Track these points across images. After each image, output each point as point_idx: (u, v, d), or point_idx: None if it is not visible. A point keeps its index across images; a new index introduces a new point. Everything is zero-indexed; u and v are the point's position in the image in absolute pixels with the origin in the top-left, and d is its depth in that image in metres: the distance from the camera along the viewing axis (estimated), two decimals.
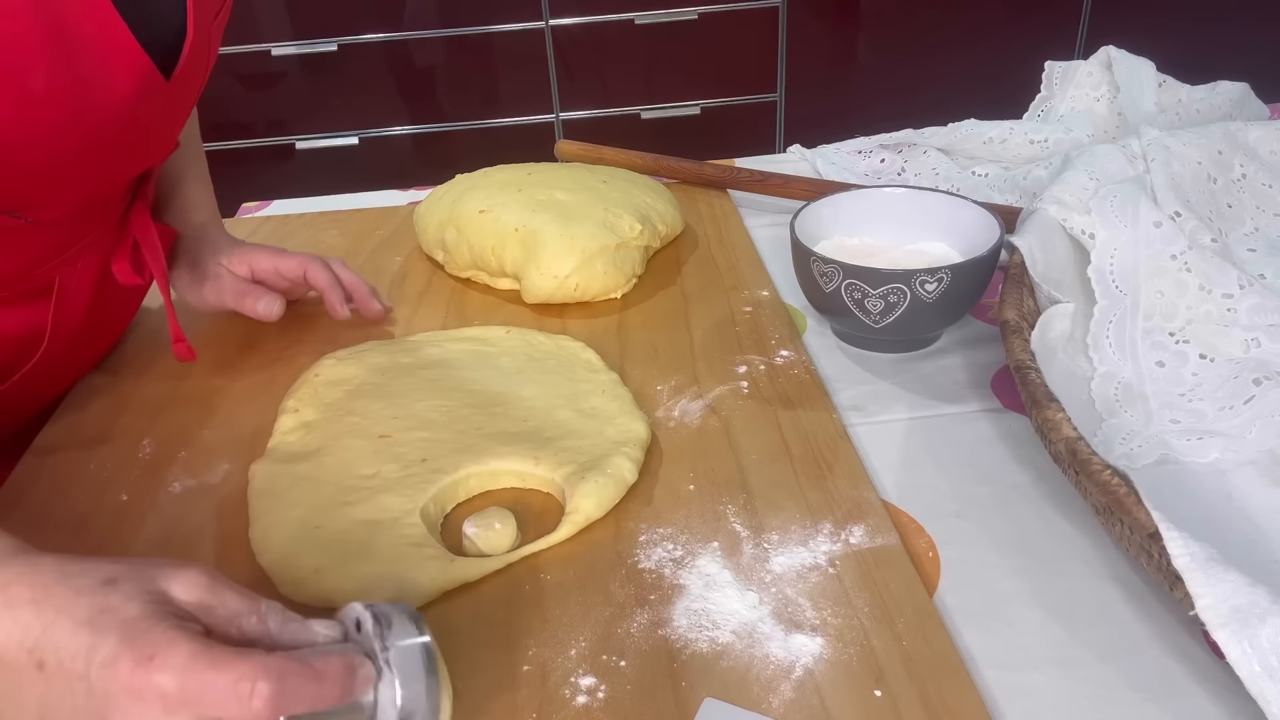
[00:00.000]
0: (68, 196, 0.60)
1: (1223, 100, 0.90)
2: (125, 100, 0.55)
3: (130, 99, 0.55)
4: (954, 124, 0.97)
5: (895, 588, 0.49)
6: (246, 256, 0.76)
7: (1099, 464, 0.48)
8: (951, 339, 0.72)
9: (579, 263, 0.76)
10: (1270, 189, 0.77)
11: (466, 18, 2.24)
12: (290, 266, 0.76)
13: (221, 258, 0.76)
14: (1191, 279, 0.66)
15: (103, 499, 0.60)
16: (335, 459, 0.59)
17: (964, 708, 0.43)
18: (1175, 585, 0.44)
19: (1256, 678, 0.39)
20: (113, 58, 0.53)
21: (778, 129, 2.45)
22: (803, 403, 0.64)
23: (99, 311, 0.71)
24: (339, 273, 0.77)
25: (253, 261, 0.75)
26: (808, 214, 0.72)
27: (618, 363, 0.70)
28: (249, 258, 0.76)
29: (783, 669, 0.45)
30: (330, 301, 0.76)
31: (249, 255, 0.76)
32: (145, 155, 0.65)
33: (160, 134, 0.65)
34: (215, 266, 0.75)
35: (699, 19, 2.28)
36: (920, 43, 2.36)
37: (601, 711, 0.44)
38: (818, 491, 0.56)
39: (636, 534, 0.54)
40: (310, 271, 0.75)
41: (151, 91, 0.57)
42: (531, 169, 0.87)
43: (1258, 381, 0.60)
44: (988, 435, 0.62)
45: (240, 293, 0.75)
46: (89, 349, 0.74)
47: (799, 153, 1.05)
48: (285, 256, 0.76)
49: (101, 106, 0.54)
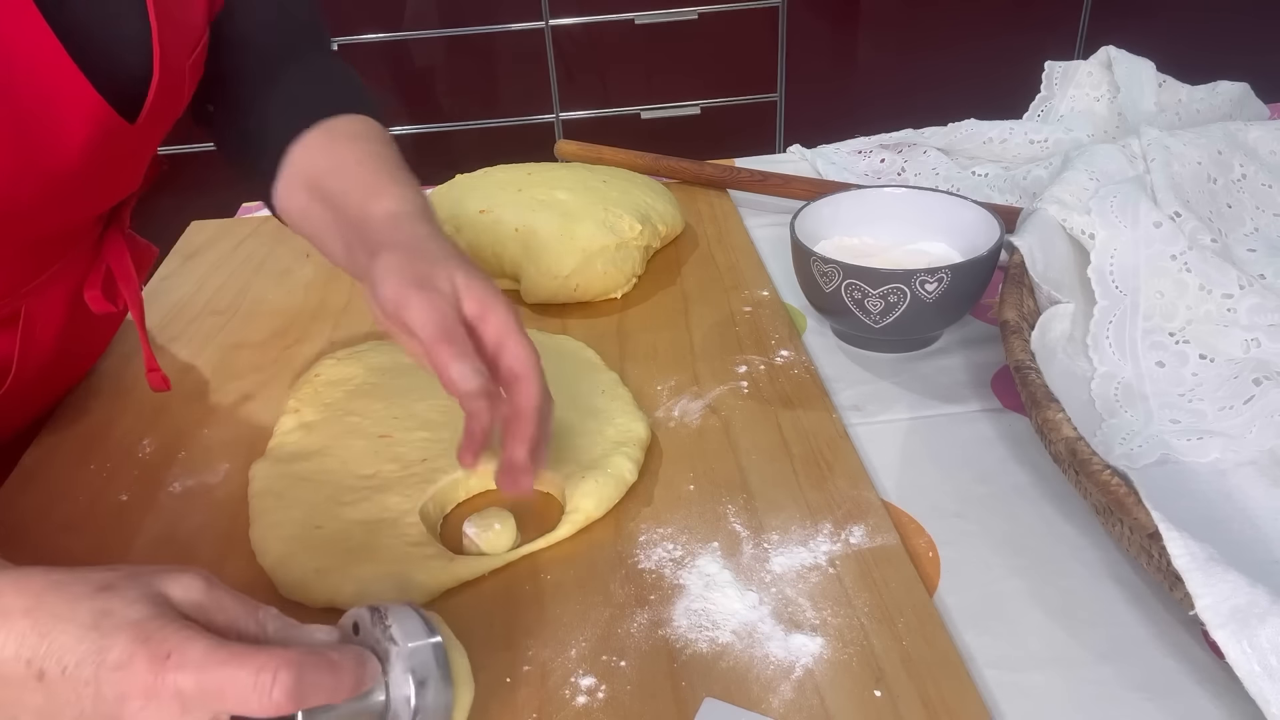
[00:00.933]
0: (25, 236, 0.56)
1: (1223, 100, 0.90)
2: (82, 146, 0.51)
3: (87, 145, 0.52)
4: (954, 124, 0.97)
5: (895, 588, 0.49)
6: (386, 280, 0.51)
7: (1099, 464, 0.48)
8: (951, 339, 0.72)
9: (579, 263, 0.76)
10: (1270, 189, 0.77)
11: (466, 18, 2.24)
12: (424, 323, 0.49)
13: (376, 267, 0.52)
14: (1191, 279, 0.66)
15: (103, 499, 0.60)
16: (335, 459, 0.59)
17: (964, 708, 0.43)
18: (1175, 585, 0.44)
19: (1256, 678, 0.39)
20: (63, 103, 0.49)
21: (778, 129, 2.45)
22: (803, 403, 0.64)
23: (72, 339, 0.67)
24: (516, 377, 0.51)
25: (386, 293, 0.50)
26: (808, 214, 0.72)
27: (618, 363, 0.70)
28: (386, 284, 0.51)
29: (783, 669, 0.45)
30: (469, 429, 0.50)
31: (387, 279, 0.51)
32: (111, 194, 0.61)
33: (128, 172, 0.61)
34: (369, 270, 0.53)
35: (699, 19, 2.28)
36: (920, 43, 2.36)
37: (601, 711, 0.44)
38: (818, 491, 0.56)
39: (636, 534, 0.54)
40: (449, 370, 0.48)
41: (113, 135, 0.53)
42: (531, 169, 0.87)
43: (1258, 381, 0.60)
44: (988, 435, 0.62)
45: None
46: (62, 377, 0.70)
47: (799, 153, 1.04)
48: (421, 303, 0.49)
49: (54, 153, 0.50)
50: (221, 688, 0.34)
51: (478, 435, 0.50)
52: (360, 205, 0.56)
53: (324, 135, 0.61)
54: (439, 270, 0.51)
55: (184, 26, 0.57)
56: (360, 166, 0.59)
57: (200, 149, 2.38)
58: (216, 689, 0.34)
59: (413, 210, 0.56)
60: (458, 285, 0.50)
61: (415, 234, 0.54)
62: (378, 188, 0.57)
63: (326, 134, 0.62)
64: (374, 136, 0.62)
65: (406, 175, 0.59)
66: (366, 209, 0.56)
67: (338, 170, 0.59)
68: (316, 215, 0.60)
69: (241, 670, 0.34)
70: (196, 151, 2.31)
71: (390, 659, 0.39)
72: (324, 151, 0.61)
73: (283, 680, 0.34)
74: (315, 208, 0.60)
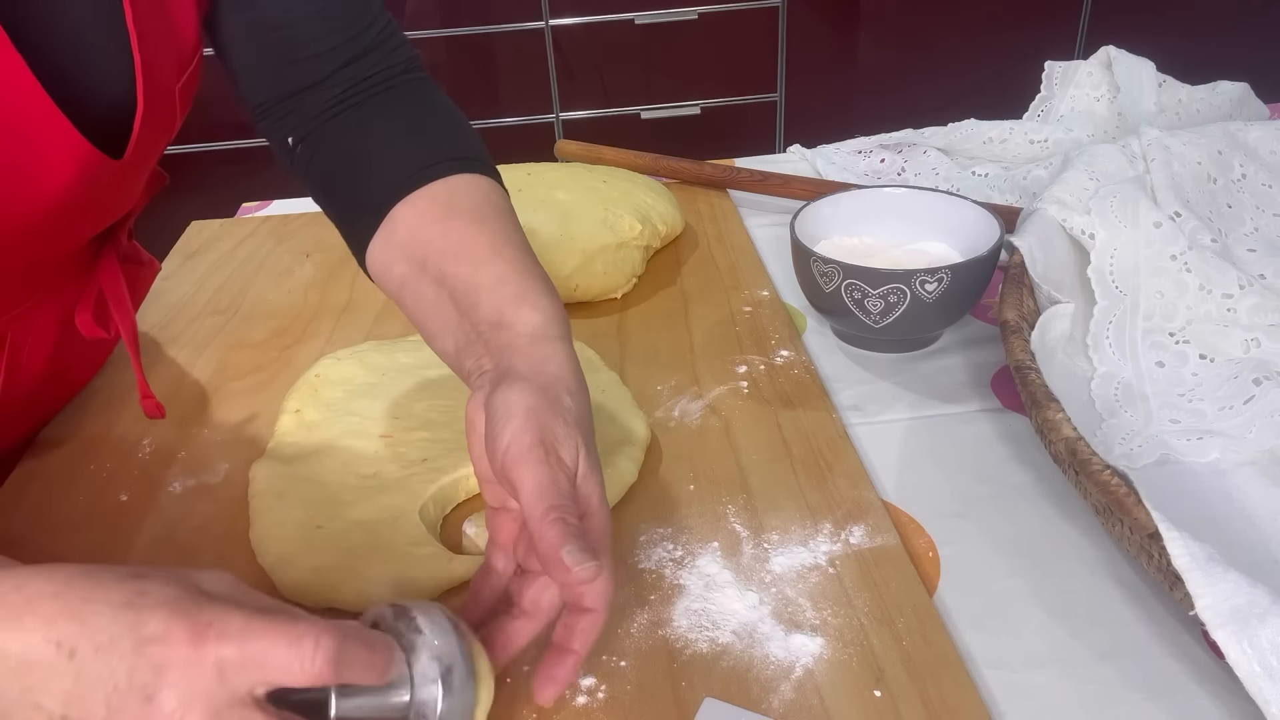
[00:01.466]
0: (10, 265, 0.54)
1: (1223, 100, 0.91)
2: (65, 183, 0.49)
3: (71, 181, 0.50)
4: (954, 124, 0.97)
5: (895, 588, 0.49)
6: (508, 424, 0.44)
7: (1099, 464, 0.48)
8: (951, 339, 0.72)
9: (579, 263, 0.76)
10: (1270, 189, 0.77)
11: (466, 18, 2.24)
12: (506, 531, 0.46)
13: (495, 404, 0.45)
14: (1191, 279, 0.66)
15: (103, 499, 0.60)
16: (335, 459, 0.59)
17: (964, 708, 0.43)
18: (1175, 585, 0.44)
19: (1256, 678, 0.39)
20: (43, 143, 0.47)
21: (778, 129, 2.45)
22: (803, 403, 0.64)
23: (62, 363, 0.65)
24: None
25: (505, 442, 0.43)
26: (808, 214, 0.72)
27: (618, 363, 0.70)
28: (507, 430, 0.43)
29: (783, 669, 0.45)
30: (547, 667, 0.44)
31: (510, 423, 0.44)
32: (100, 221, 0.59)
33: (118, 200, 0.59)
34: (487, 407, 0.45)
35: (699, 19, 2.28)
36: (920, 43, 2.36)
37: (601, 711, 0.44)
38: (818, 491, 0.56)
39: (636, 534, 0.54)
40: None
41: (97, 171, 0.51)
42: (531, 169, 0.87)
43: (1258, 381, 0.60)
44: (988, 435, 0.62)
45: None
46: (51, 401, 0.68)
47: (799, 153, 1.05)
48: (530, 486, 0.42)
49: (35, 191, 0.49)
50: (263, 656, 0.34)
51: (545, 687, 0.43)
52: (497, 310, 0.49)
53: (439, 203, 0.54)
54: (569, 437, 0.44)
55: (171, 48, 0.54)
56: (496, 260, 0.51)
57: (200, 149, 2.39)
58: (258, 658, 0.34)
59: (555, 333, 0.49)
60: (580, 462, 0.44)
61: (556, 368, 0.46)
62: (520, 297, 0.49)
63: (443, 202, 0.54)
64: (499, 212, 0.55)
65: (543, 275, 0.52)
66: (505, 316, 0.49)
67: (462, 256, 0.52)
68: (428, 298, 0.52)
69: (283, 638, 0.34)
70: (196, 151, 2.32)
71: (416, 649, 0.39)
72: (441, 225, 0.53)
73: (326, 646, 0.34)
74: (427, 289, 0.52)
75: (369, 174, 0.56)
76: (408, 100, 0.59)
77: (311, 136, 0.59)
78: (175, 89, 0.55)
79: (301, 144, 0.59)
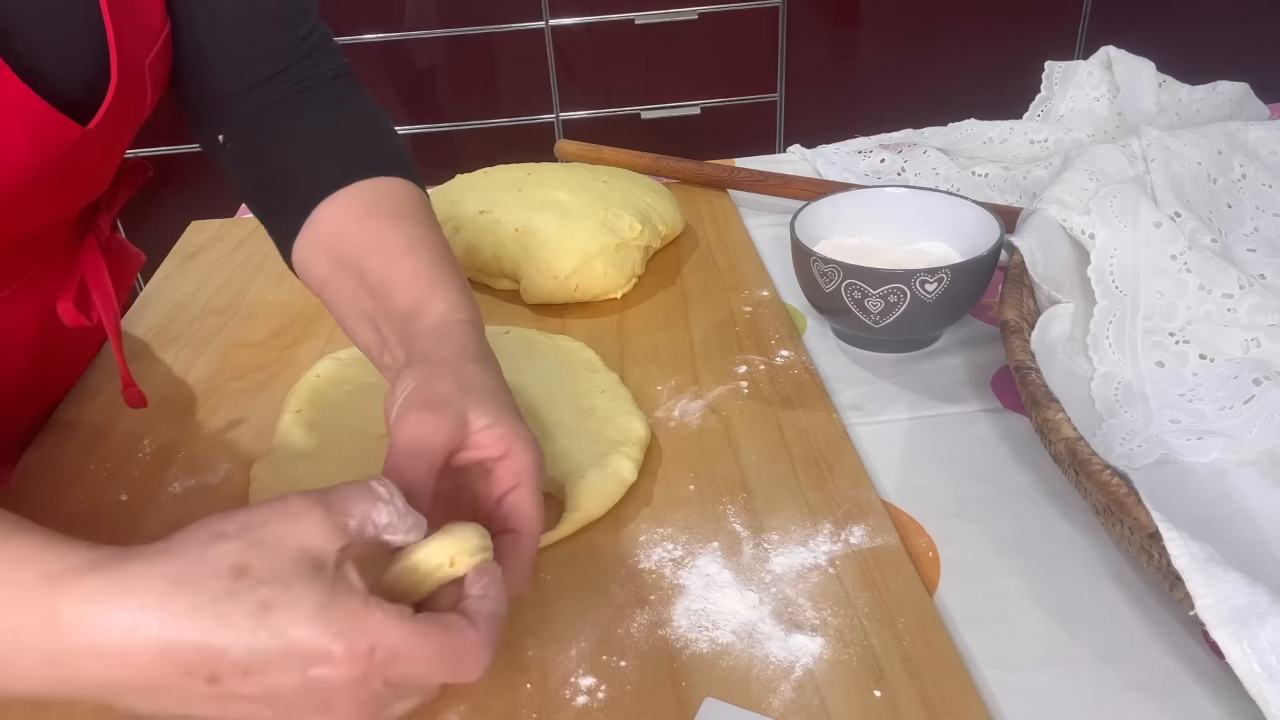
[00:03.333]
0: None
1: (1223, 100, 0.90)
2: (30, 152, 0.49)
3: (34, 149, 0.49)
4: (954, 124, 0.97)
5: (895, 588, 0.49)
6: (399, 392, 0.48)
7: (1099, 464, 0.48)
8: (951, 339, 0.72)
9: (579, 263, 0.76)
10: (1270, 189, 0.77)
11: (466, 18, 2.24)
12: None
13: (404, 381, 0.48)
14: (1191, 279, 0.66)
15: (103, 499, 0.60)
16: (335, 459, 0.59)
17: (964, 708, 0.43)
18: (1175, 585, 0.44)
19: (1256, 678, 0.39)
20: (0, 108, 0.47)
21: (778, 129, 2.45)
22: (803, 403, 0.64)
23: (52, 353, 0.65)
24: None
25: (388, 403, 0.48)
26: (808, 214, 0.72)
27: (618, 363, 0.70)
28: (394, 396, 0.48)
29: (783, 669, 0.45)
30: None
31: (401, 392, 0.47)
32: (73, 198, 0.59)
33: (91, 176, 0.58)
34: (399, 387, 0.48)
35: (699, 19, 2.28)
36: (920, 43, 2.36)
37: (601, 711, 0.44)
38: (818, 491, 0.56)
39: (636, 534, 0.54)
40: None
41: (65, 140, 0.50)
42: (531, 169, 0.87)
43: (1258, 381, 0.61)
44: (988, 435, 0.62)
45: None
46: (42, 394, 0.68)
47: (799, 153, 1.05)
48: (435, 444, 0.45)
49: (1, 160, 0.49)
50: (425, 672, 0.37)
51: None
52: (408, 303, 0.52)
53: (360, 202, 0.56)
54: (456, 398, 0.46)
55: (140, 23, 0.54)
56: (409, 257, 0.54)
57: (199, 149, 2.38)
58: (425, 673, 0.37)
59: (461, 317, 0.52)
60: (471, 419, 0.46)
61: (460, 350, 0.49)
62: (430, 289, 0.52)
63: (363, 202, 0.56)
64: (416, 212, 0.57)
65: (457, 271, 0.55)
66: (416, 308, 0.51)
67: (378, 252, 0.54)
68: (346, 292, 0.55)
69: (443, 656, 0.37)
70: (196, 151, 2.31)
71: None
72: (360, 224, 0.55)
73: (482, 663, 0.38)
74: (345, 284, 0.55)
75: (295, 175, 0.59)
76: (336, 105, 0.62)
77: (241, 136, 0.61)
78: (145, 62, 0.55)
79: (231, 142, 0.62)
